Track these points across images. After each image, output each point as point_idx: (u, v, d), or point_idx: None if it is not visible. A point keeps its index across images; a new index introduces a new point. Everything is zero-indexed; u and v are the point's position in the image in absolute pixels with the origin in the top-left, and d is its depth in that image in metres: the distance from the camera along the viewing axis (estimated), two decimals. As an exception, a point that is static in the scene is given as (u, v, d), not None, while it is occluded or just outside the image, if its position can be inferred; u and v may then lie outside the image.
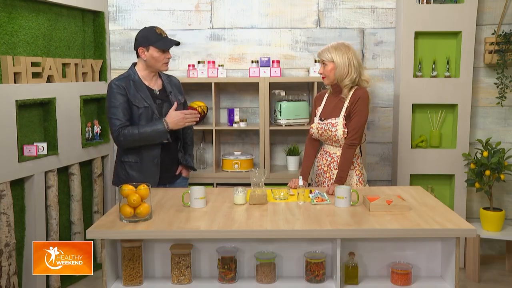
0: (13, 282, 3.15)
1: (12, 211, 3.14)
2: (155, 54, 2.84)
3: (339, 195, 2.48)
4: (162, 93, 2.97)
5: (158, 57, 2.85)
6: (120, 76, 2.91)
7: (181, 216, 2.35)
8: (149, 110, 2.86)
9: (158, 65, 2.88)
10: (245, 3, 4.08)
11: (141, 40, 2.87)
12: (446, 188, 4.06)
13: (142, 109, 2.85)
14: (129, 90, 2.84)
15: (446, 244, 2.28)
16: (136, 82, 2.88)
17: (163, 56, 2.86)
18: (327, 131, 2.91)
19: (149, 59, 2.86)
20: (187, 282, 2.30)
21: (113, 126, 2.81)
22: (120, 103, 2.81)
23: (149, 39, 2.84)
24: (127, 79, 2.87)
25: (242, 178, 3.83)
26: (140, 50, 2.87)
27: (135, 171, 2.90)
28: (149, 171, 2.90)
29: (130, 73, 2.91)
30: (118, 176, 2.97)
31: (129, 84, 2.85)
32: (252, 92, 4.14)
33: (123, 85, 2.83)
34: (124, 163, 2.93)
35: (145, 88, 2.89)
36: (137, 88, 2.86)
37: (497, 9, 3.92)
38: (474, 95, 4.00)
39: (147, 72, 2.92)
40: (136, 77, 2.89)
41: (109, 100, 2.83)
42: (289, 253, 2.35)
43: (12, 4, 3.18)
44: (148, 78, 2.93)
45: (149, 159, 2.89)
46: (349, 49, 2.87)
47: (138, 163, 2.90)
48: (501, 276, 3.88)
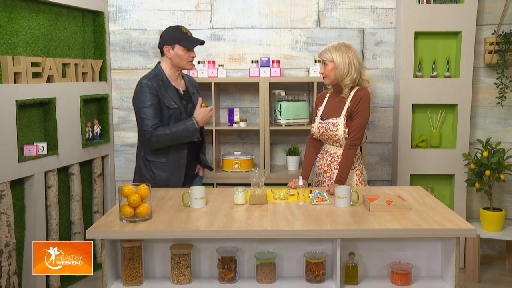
0: (13, 282, 3.15)
1: (12, 211, 3.14)
2: (180, 53, 2.86)
3: (339, 195, 2.48)
4: (186, 93, 3.00)
5: (183, 55, 2.87)
6: (149, 75, 2.90)
7: (181, 216, 2.35)
8: (178, 111, 2.88)
9: (183, 64, 2.90)
10: (245, 3, 4.08)
11: (167, 38, 2.88)
12: (446, 188, 4.06)
13: (172, 110, 2.86)
14: (160, 90, 2.85)
15: (446, 244, 2.28)
16: (165, 82, 2.89)
17: (188, 55, 2.88)
18: (328, 131, 2.91)
19: (174, 57, 2.87)
20: (187, 282, 2.30)
21: (145, 126, 2.79)
22: (152, 103, 2.80)
23: (175, 37, 2.86)
24: (157, 79, 2.87)
25: (242, 178, 3.83)
26: (166, 48, 2.88)
27: (162, 171, 2.91)
28: (175, 171, 2.92)
29: (157, 72, 2.91)
30: (141, 175, 2.96)
31: (159, 84, 2.86)
32: (252, 92, 4.15)
33: (154, 85, 2.83)
34: (150, 162, 2.93)
35: (173, 88, 2.91)
36: (166, 88, 2.87)
37: (497, 9, 3.93)
38: (474, 95, 4.00)
39: (173, 71, 2.93)
40: (164, 77, 2.90)
41: (140, 99, 2.81)
42: (289, 253, 2.35)
43: (12, 4, 3.18)
44: (174, 77, 2.95)
45: (176, 159, 2.91)
46: (349, 49, 2.87)
47: (165, 163, 2.91)
48: (501, 276, 3.88)
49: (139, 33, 4.12)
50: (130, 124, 4.20)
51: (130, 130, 4.20)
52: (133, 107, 2.88)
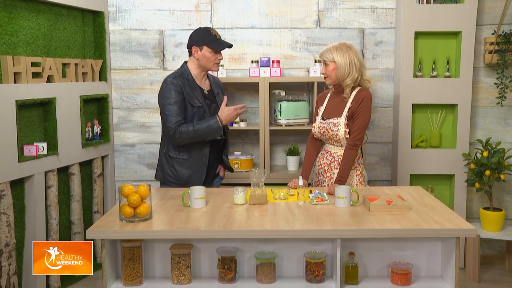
0: (13, 282, 3.15)
1: (12, 211, 3.14)
2: (208, 54, 2.88)
3: (339, 195, 2.48)
4: (210, 93, 3.02)
5: (210, 57, 2.89)
6: (174, 73, 2.94)
7: (181, 216, 2.35)
8: (202, 109, 2.91)
9: (210, 65, 2.92)
10: (245, 3, 4.08)
11: (196, 39, 2.91)
12: (446, 188, 4.06)
13: (196, 108, 2.89)
14: (185, 88, 2.88)
15: (446, 244, 2.28)
16: (190, 81, 2.92)
17: (215, 57, 2.90)
18: (329, 131, 2.91)
19: (201, 58, 2.90)
20: (187, 282, 2.30)
21: (169, 123, 2.82)
22: (177, 100, 2.84)
23: (204, 39, 2.88)
24: (182, 77, 2.91)
25: (242, 178, 3.83)
26: (194, 48, 2.90)
27: (184, 168, 2.94)
28: (197, 168, 2.95)
29: (183, 71, 2.94)
30: (163, 171, 3.00)
31: (185, 83, 2.89)
32: (252, 92, 4.15)
33: (179, 83, 2.87)
34: (172, 159, 2.96)
35: (197, 88, 2.93)
36: (191, 87, 2.90)
37: (497, 9, 3.92)
38: (474, 95, 4.00)
39: (199, 72, 2.96)
40: (189, 76, 2.92)
41: (165, 97, 2.86)
42: (289, 253, 2.35)
43: (12, 4, 3.18)
44: (199, 77, 2.97)
45: (198, 156, 2.93)
46: (350, 49, 2.87)
47: (187, 160, 2.93)
48: (501, 276, 3.88)
49: (139, 33, 4.12)
50: (130, 124, 4.20)
51: (130, 130, 4.20)
52: (158, 104, 2.92)
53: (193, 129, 2.81)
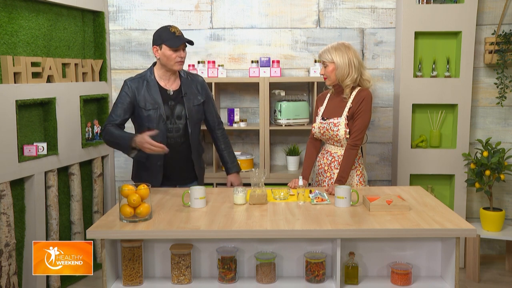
0: (13, 282, 3.15)
1: (12, 211, 3.14)
2: (167, 53, 2.83)
3: (339, 195, 2.48)
4: (176, 94, 2.95)
5: (170, 55, 2.83)
6: (135, 75, 2.94)
7: (181, 216, 2.35)
8: (157, 112, 2.87)
9: (171, 64, 2.86)
10: (245, 3, 4.08)
11: (155, 38, 2.89)
12: (446, 188, 4.06)
13: (150, 111, 2.86)
14: (139, 91, 2.86)
15: (446, 244, 2.28)
16: (150, 82, 2.89)
17: (175, 55, 2.84)
18: (329, 131, 2.91)
19: (162, 57, 2.86)
20: (187, 282, 2.30)
21: (106, 120, 2.89)
22: (122, 102, 2.86)
23: (161, 37, 2.85)
24: (141, 79, 2.90)
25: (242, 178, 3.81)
26: (154, 48, 2.88)
27: (141, 170, 2.97)
28: (153, 171, 2.93)
29: (147, 72, 2.93)
30: (132, 172, 3.08)
31: (141, 85, 2.87)
32: (252, 92, 4.15)
33: (134, 86, 2.87)
34: (136, 161, 2.99)
35: (157, 89, 2.89)
36: (148, 89, 2.88)
37: (497, 9, 3.92)
38: (474, 95, 4.00)
39: (163, 72, 2.93)
40: (151, 77, 2.90)
41: (117, 96, 2.91)
42: (289, 253, 2.35)
43: (12, 4, 3.18)
44: (165, 77, 2.93)
45: (153, 160, 2.91)
46: (349, 49, 2.87)
47: (144, 163, 2.93)
48: (501, 276, 3.88)
49: (139, 33, 4.12)
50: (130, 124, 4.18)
51: (130, 130, 4.19)
52: None
53: (115, 133, 2.80)
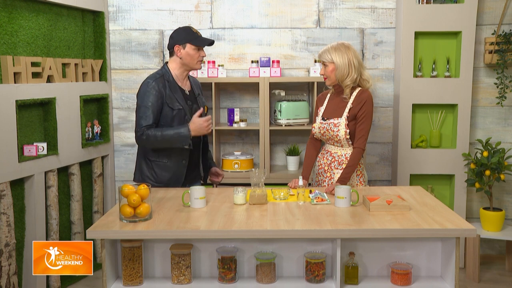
0: (13, 282, 3.15)
1: (12, 211, 3.14)
2: (191, 52, 2.87)
3: (339, 195, 2.48)
4: (191, 94, 3.00)
5: (193, 54, 2.88)
6: (155, 75, 2.91)
7: (181, 216, 2.35)
8: (182, 112, 2.88)
9: (193, 63, 2.91)
10: (245, 3, 4.08)
11: (178, 38, 2.89)
12: (446, 188, 4.06)
13: (176, 110, 2.87)
14: (165, 90, 2.85)
15: (446, 244, 2.28)
16: (171, 82, 2.89)
17: (198, 54, 2.90)
18: (329, 131, 2.91)
19: (185, 56, 2.88)
20: (187, 282, 2.30)
21: (139, 125, 2.82)
22: (153, 103, 2.81)
23: (186, 37, 2.88)
24: (163, 79, 2.88)
25: (242, 178, 3.83)
26: (176, 47, 2.89)
27: (163, 171, 2.92)
28: (177, 171, 2.93)
29: (164, 72, 2.92)
30: (142, 173, 2.98)
31: (165, 84, 2.87)
32: (252, 92, 4.15)
33: (160, 85, 2.85)
34: (152, 162, 2.94)
35: (178, 89, 2.91)
36: (171, 89, 2.88)
37: (497, 9, 3.92)
38: (474, 95, 4.00)
39: (181, 71, 2.94)
40: (170, 78, 2.90)
41: (142, 98, 2.84)
42: (289, 253, 2.35)
43: (12, 4, 3.18)
44: (181, 78, 2.96)
45: (178, 159, 2.91)
46: (349, 49, 2.87)
47: (167, 163, 2.92)
48: (501, 276, 3.88)
49: (139, 33, 4.12)
50: (130, 124, 4.20)
51: (130, 130, 4.20)
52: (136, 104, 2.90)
53: (160, 134, 2.79)
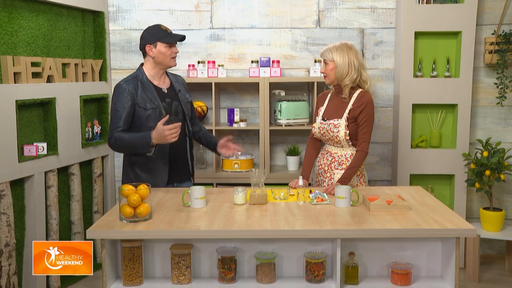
0: (13, 282, 3.15)
1: (12, 211, 3.14)
2: (163, 49, 2.86)
3: (339, 195, 2.48)
4: (171, 91, 2.97)
5: (165, 52, 2.86)
6: (128, 77, 2.91)
7: (181, 216, 2.35)
8: (157, 110, 2.86)
9: (167, 61, 2.89)
10: (245, 3, 4.08)
11: (148, 37, 2.88)
12: (446, 188, 4.06)
13: (150, 110, 2.85)
14: (137, 91, 2.84)
15: (446, 244, 2.28)
16: (144, 82, 2.88)
17: (171, 51, 2.88)
18: (329, 132, 2.92)
19: (157, 55, 2.87)
20: (187, 282, 2.30)
21: (110, 127, 2.83)
22: (124, 107, 2.80)
23: (155, 35, 2.86)
24: (135, 80, 2.87)
25: (242, 178, 3.83)
26: (148, 47, 2.88)
27: (144, 171, 2.89)
28: (158, 171, 2.90)
29: (138, 73, 2.91)
30: (127, 175, 2.95)
31: (137, 85, 2.86)
32: (252, 92, 4.15)
33: (132, 88, 2.83)
34: (134, 163, 2.91)
35: (152, 89, 2.89)
36: (144, 89, 2.86)
37: (497, 9, 3.92)
38: (474, 95, 4.00)
39: (156, 71, 2.93)
40: (144, 78, 2.89)
41: (114, 102, 2.84)
42: (289, 253, 2.35)
43: (12, 4, 3.18)
44: (157, 77, 2.94)
45: (156, 159, 2.88)
46: (350, 49, 2.87)
47: (147, 163, 2.88)
48: (501, 276, 3.88)
49: (139, 33, 4.07)
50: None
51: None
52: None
53: (127, 137, 2.76)
